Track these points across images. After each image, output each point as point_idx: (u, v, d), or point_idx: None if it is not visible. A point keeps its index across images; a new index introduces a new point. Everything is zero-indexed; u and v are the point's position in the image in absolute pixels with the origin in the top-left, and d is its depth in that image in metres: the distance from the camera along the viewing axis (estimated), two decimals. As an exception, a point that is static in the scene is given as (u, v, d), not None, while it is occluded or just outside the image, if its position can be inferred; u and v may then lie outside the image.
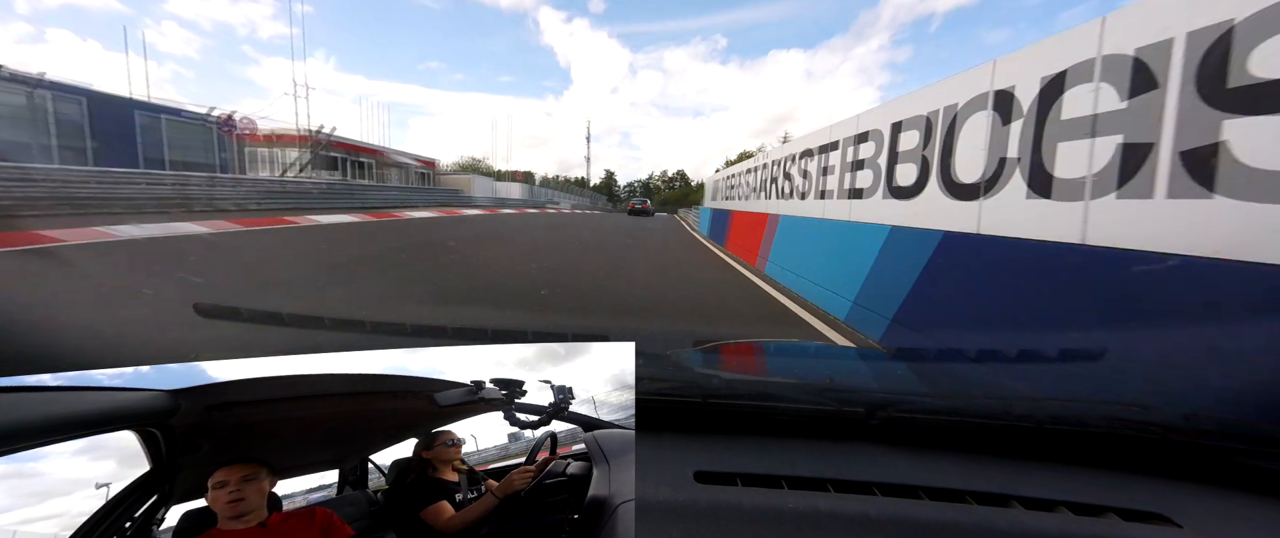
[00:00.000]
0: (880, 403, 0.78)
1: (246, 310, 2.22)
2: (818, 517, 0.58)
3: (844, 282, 4.34)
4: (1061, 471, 0.70)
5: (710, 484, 0.63)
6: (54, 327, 2.52)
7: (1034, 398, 0.88)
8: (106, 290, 4.15)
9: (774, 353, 1.58)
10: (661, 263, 7.53)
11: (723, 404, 0.79)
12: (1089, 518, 0.60)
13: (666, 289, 5.45)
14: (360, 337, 2.06)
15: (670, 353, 1.15)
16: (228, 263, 5.82)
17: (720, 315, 4.40)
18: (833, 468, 0.67)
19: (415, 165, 29.06)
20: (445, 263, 6.48)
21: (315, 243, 8.03)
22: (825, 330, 3.96)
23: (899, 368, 1.45)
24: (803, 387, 0.99)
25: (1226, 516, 0.63)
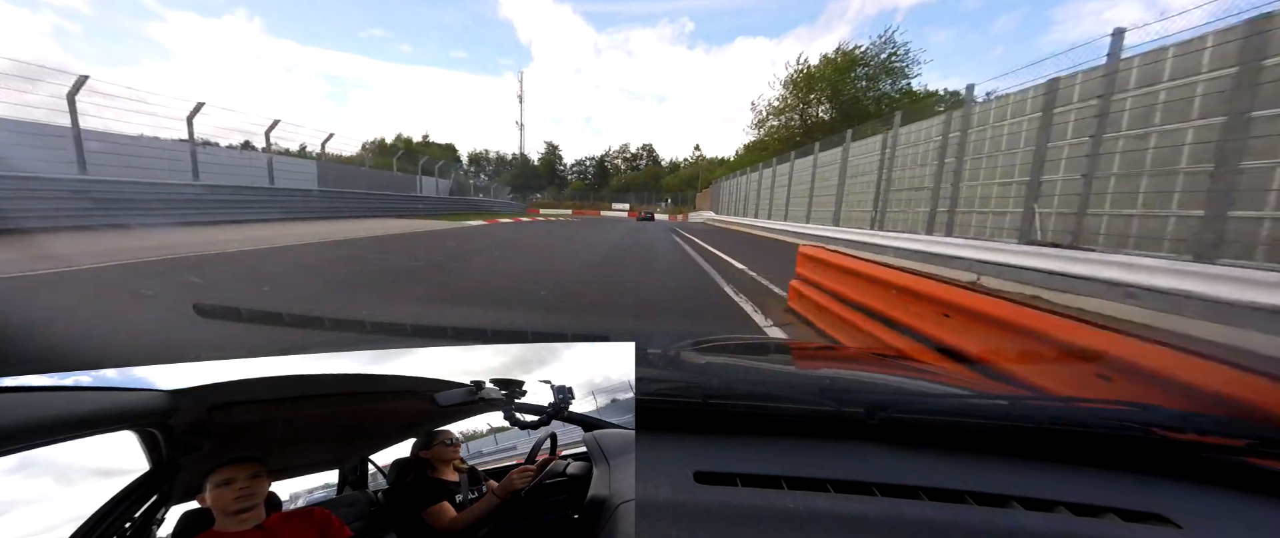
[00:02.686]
0: (880, 403, 0.78)
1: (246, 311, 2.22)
2: (817, 517, 0.58)
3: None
4: (1061, 471, 0.70)
5: (710, 484, 0.63)
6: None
7: (1034, 398, 0.88)
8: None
9: (774, 353, 1.58)
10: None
11: (722, 404, 0.79)
12: (1089, 518, 0.60)
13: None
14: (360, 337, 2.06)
15: (670, 353, 1.15)
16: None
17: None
18: (832, 468, 0.67)
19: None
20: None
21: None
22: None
23: (899, 368, 1.45)
24: (803, 387, 0.99)
25: (1226, 516, 0.63)
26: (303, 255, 7.51)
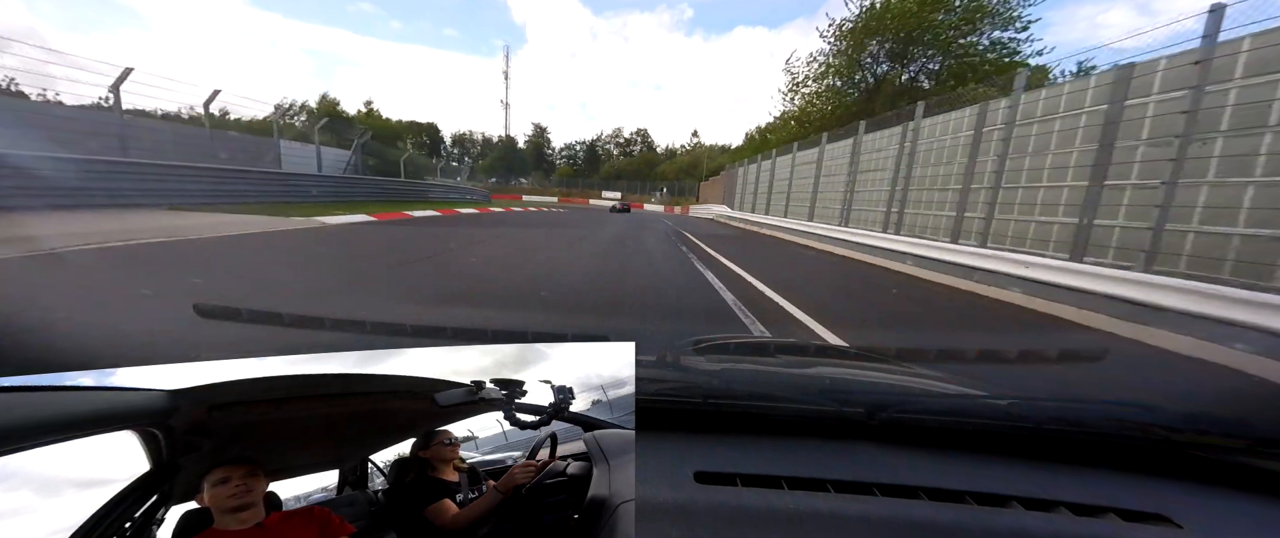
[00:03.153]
0: (880, 403, 0.78)
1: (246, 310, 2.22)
2: (817, 517, 0.58)
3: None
4: (1061, 471, 0.70)
5: (710, 484, 0.63)
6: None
7: (1034, 398, 0.88)
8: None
9: (774, 353, 1.58)
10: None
11: (722, 404, 0.79)
12: (1089, 518, 0.60)
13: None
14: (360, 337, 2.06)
15: (670, 353, 1.15)
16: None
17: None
18: (833, 468, 0.67)
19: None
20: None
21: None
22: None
23: (899, 368, 1.45)
24: (803, 387, 0.99)
25: (1226, 516, 0.63)
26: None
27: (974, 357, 1.66)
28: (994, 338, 4.38)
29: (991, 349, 1.91)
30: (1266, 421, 0.73)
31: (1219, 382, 2.92)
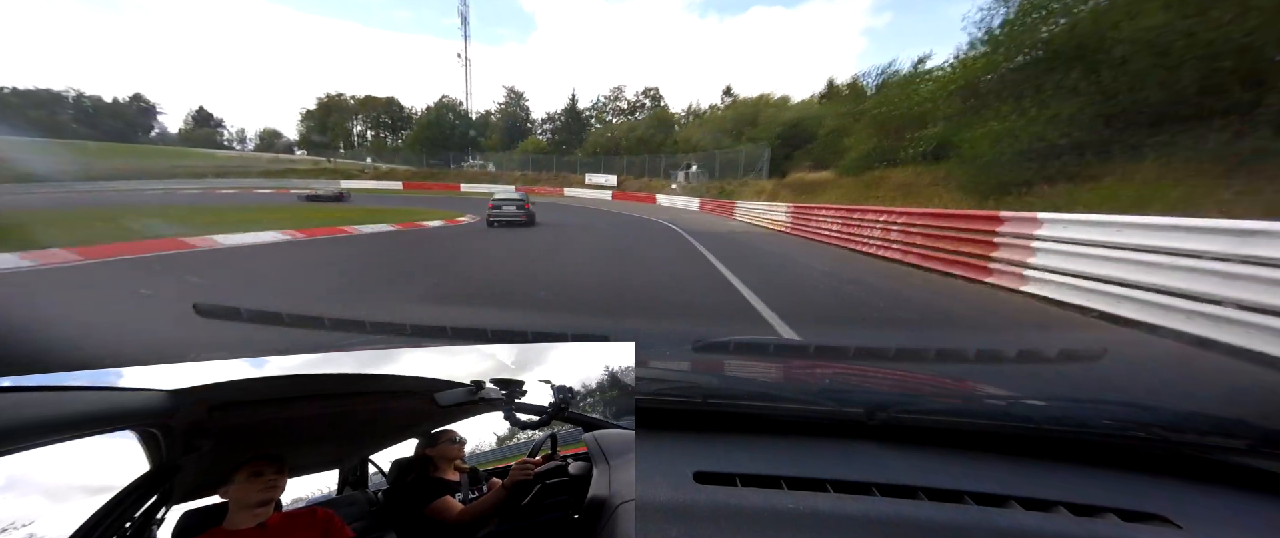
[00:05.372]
0: (880, 403, 0.78)
1: (246, 310, 2.21)
2: (817, 517, 0.58)
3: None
4: (1061, 471, 0.70)
5: (710, 484, 0.63)
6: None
7: (1034, 399, 0.88)
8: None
9: (774, 353, 1.58)
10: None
11: (722, 405, 0.79)
12: (1088, 518, 0.60)
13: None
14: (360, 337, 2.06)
15: (670, 353, 1.15)
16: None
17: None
18: (832, 468, 0.67)
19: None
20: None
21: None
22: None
23: (898, 368, 1.45)
24: (803, 387, 0.99)
25: (1226, 516, 0.63)
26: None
27: (973, 357, 1.66)
28: (993, 338, 4.38)
29: (991, 349, 1.91)
30: (1266, 421, 0.73)
31: (1219, 382, 2.92)
